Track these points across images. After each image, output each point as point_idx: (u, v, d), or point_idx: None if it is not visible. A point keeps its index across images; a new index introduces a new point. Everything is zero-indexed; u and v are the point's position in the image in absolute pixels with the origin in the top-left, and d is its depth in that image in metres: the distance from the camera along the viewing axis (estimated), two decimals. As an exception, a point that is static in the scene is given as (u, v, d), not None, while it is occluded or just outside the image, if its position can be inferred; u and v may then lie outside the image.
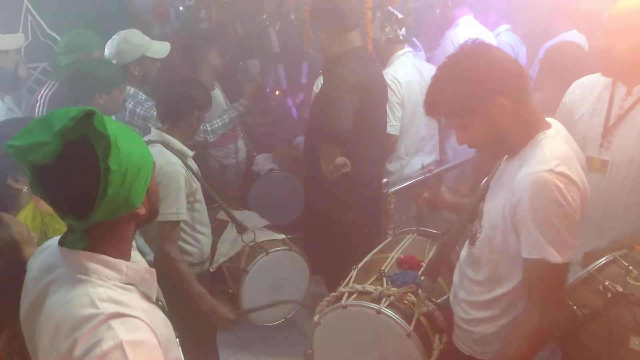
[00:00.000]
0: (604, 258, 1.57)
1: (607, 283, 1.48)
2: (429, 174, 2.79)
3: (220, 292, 2.36)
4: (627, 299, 1.44)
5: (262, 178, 3.17)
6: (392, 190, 2.63)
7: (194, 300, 2.05)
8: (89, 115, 0.92)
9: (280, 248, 2.35)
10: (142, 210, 1.03)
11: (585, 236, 1.92)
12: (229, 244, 2.38)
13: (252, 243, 2.32)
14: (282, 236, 2.44)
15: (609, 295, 1.46)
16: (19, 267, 1.12)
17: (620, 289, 1.45)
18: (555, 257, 1.28)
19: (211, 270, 2.33)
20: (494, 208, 1.43)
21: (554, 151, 1.32)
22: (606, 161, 1.86)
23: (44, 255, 1.07)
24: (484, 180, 1.61)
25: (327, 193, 2.50)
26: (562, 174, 1.27)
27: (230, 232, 2.42)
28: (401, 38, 2.75)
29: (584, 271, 1.56)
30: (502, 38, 3.39)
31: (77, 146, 0.92)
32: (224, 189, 3.19)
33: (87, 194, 0.93)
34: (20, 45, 2.94)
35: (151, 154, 1.08)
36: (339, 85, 2.30)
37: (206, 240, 2.25)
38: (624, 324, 1.41)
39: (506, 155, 1.49)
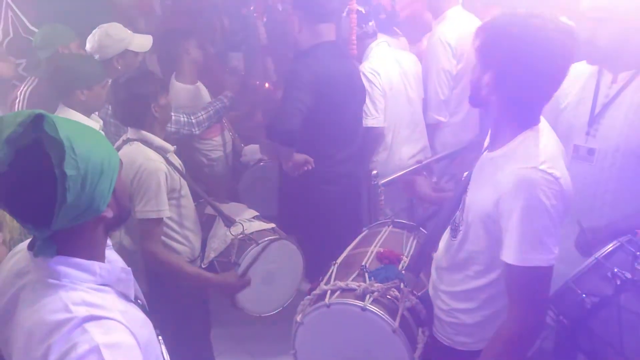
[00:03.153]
0: (611, 244, 1.56)
1: (615, 270, 1.47)
2: (419, 165, 2.80)
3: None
4: (636, 285, 1.44)
5: (251, 169, 3.15)
6: (383, 182, 2.62)
7: (191, 282, 2.03)
8: (38, 120, 0.88)
9: (270, 237, 2.33)
10: (108, 214, 1.00)
11: (574, 224, 1.94)
12: (218, 239, 2.36)
13: (241, 235, 2.30)
14: (272, 225, 2.42)
15: (618, 282, 1.45)
16: None
17: (629, 275, 1.45)
18: (535, 261, 1.26)
19: (203, 267, 2.32)
20: (476, 201, 1.42)
21: (540, 147, 1.31)
22: (593, 149, 1.86)
23: (14, 260, 1.05)
24: (466, 173, 1.60)
25: (296, 189, 2.50)
26: (546, 172, 1.26)
27: (219, 226, 2.40)
28: (369, 32, 2.73)
29: (592, 258, 1.55)
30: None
31: (30, 152, 0.88)
32: (214, 183, 3.19)
33: (45, 202, 0.89)
34: None
35: (117, 154, 1.04)
36: (292, 84, 2.27)
37: (195, 237, 2.23)
38: (633, 311, 1.42)
39: (486, 145, 1.49)
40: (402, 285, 1.65)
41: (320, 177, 2.45)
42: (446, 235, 1.59)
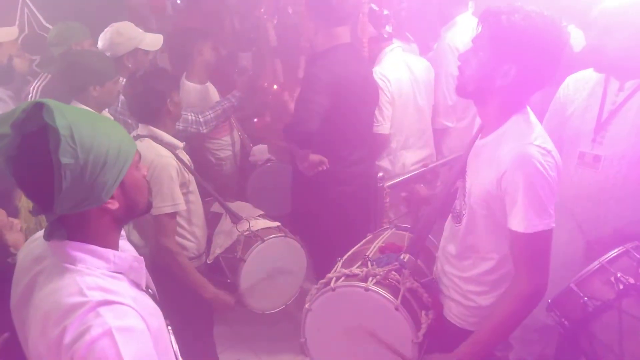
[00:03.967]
0: (616, 250, 1.58)
1: (619, 275, 1.50)
2: (424, 168, 2.81)
3: (218, 283, 2.37)
4: (639, 290, 1.46)
5: (259, 169, 3.18)
6: (389, 184, 2.63)
7: (195, 290, 2.07)
8: (38, 107, 0.91)
9: (275, 235, 2.35)
10: (113, 205, 1.01)
11: (578, 231, 1.95)
12: (225, 235, 2.39)
13: (248, 232, 2.32)
14: (277, 224, 2.45)
15: (621, 286, 1.48)
16: (1, 250, 1.12)
17: (632, 280, 1.47)
18: (540, 226, 1.35)
19: (208, 263, 2.34)
20: (477, 183, 1.48)
21: (531, 126, 1.41)
22: (599, 156, 1.87)
23: (33, 245, 1.08)
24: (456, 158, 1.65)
25: (310, 189, 2.51)
26: (540, 147, 1.36)
27: (225, 223, 2.43)
28: (385, 36, 2.73)
29: (596, 262, 1.58)
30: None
31: (34, 139, 0.91)
32: (222, 182, 3.21)
33: (45, 187, 0.92)
34: (13, 38, 2.92)
35: (132, 147, 1.05)
36: (309, 86, 2.29)
37: (201, 233, 2.26)
38: (634, 315, 1.44)
39: (478, 131, 1.56)
40: (404, 270, 1.69)
41: (334, 178, 2.46)
42: (449, 223, 1.65)
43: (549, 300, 1.66)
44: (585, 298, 1.52)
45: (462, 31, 2.89)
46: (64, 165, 0.90)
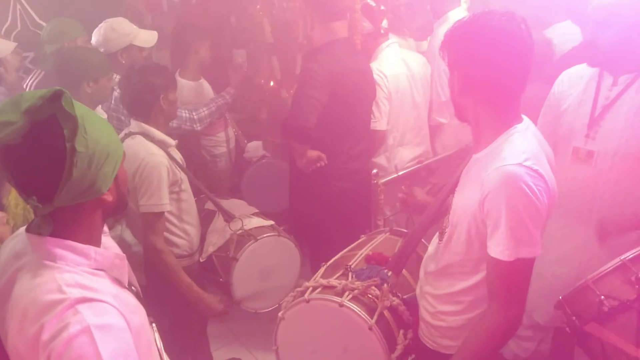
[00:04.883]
0: (639, 248, 1.50)
1: None
2: (419, 165, 2.80)
3: (211, 281, 2.36)
4: None
5: (254, 165, 3.17)
6: (383, 181, 2.62)
7: (181, 291, 2.06)
8: (57, 95, 0.92)
9: (269, 234, 2.34)
10: (108, 197, 1.03)
11: (572, 227, 1.95)
12: (217, 234, 2.38)
13: (240, 231, 2.31)
14: (271, 222, 2.44)
15: None
16: None
17: None
18: (522, 253, 1.25)
19: (201, 261, 2.33)
20: (462, 202, 1.40)
21: (523, 145, 1.29)
22: (592, 152, 1.86)
23: (14, 242, 1.08)
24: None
25: (308, 185, 2.50)
26: (530, 168, 1.25)
27: (219, 221, 2.42)
28: (382, 32, 2.71)
29: (617, 260, 1.50)
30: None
31: (45, 126, 0.92)
32: (216, 179, 3.21)
33: (52, 175, 0.93)
34: (8, 53, 2.81)
35: (121, 143, 1.08)
36: (307, 81, 2.28)
37: (194, 231, 2.25)
38: None
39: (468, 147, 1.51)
40: (384, 285, 1.62)
41: (332, 174, 2.45)
42: (435, 239, 1.57)
43: (560, 297, 1.59)
44: (602, 296, 1.45)
45: None
46: (78, 154, 0.92)
